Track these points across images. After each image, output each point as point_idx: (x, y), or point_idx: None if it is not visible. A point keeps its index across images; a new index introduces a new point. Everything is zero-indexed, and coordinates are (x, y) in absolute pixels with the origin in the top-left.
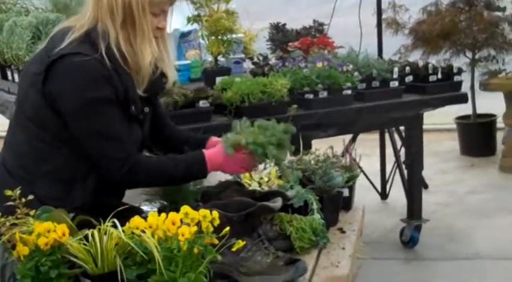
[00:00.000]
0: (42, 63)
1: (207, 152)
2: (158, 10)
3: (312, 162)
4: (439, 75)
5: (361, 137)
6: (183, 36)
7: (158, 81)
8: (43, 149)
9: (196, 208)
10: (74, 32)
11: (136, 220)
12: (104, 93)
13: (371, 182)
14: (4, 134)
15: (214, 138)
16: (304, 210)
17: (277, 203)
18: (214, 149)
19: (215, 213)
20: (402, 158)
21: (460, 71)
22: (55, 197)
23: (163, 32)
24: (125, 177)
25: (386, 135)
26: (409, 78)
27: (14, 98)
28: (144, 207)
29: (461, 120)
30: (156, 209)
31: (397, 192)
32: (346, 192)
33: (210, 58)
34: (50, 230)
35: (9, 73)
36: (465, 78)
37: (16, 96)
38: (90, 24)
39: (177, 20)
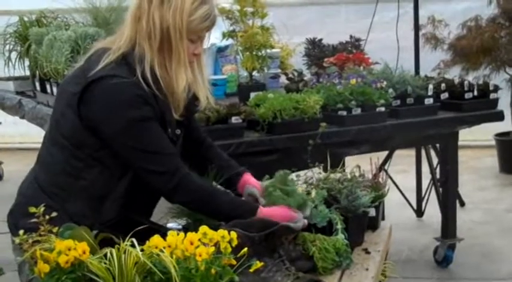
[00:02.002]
0: (78, 84)
1: (265, 210)
2: (196, 37)
3: (339, 181)
4: (475, 93)
5: (399, 152)
6: (220, 50)
7: (191, 104)
8: (78, 167)
9: (219, 227)
10: (110, 54)
11: (155, 239)
12: (143, 112)
13: (406, 199)
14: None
15: (246, 176)
16: (329, 230)
17: (299, 223)
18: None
19: (233, 234)
20: (438, 175)
21: (496, 88)
22: (85, 214)
23: (199, 57)
24: (174, 192)
25: (423, 152)
26: (444, 95)
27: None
28: (170, 225)
29: (501, 137)
30: (181, 227)
31: (433, 210)
32: (372, 212)
33: (245, 73)
34: (70, 248)
35: (48, 87)
36: (505, 95)
37: (52, 111)
38: (127, 47)
39: (214, 35)
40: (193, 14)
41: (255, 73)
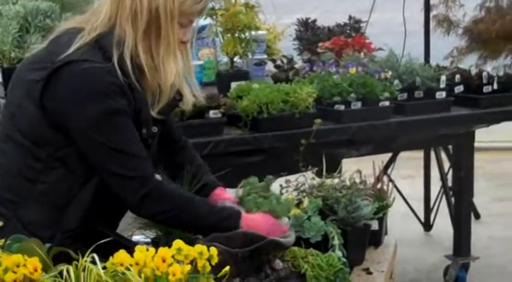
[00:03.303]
0: (43, 70)
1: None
2: (187, 21)
3: (336, 188)
4: (495, 86)
5: (405, 154)
6: (197, 31)
7: (173, 98)
8: (36, 169)
9: (195, 242)
10: (83, 35)
11: (121, 255)
12: (118, 103)
13: (413, 210)
14: None
15: (219, 190)
16: (324, 246)
17: (290, 238)
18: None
19: (213, 250)
20: (450, 182)
21: None
22: (43, 223)
23: (187, 46)
24: (143, 202)
25: (433, 154)
26: (459, 89)
27: None
28: (136, 237)
29: None
30: (149, 240)
31: (443, 223)
32: (375, 225)
33: (225, 59)
34: (19, 264)
35: None
36: None
37: (4, 104)
38: (104, 28)
39: None
40: None
41: (236, 59)
